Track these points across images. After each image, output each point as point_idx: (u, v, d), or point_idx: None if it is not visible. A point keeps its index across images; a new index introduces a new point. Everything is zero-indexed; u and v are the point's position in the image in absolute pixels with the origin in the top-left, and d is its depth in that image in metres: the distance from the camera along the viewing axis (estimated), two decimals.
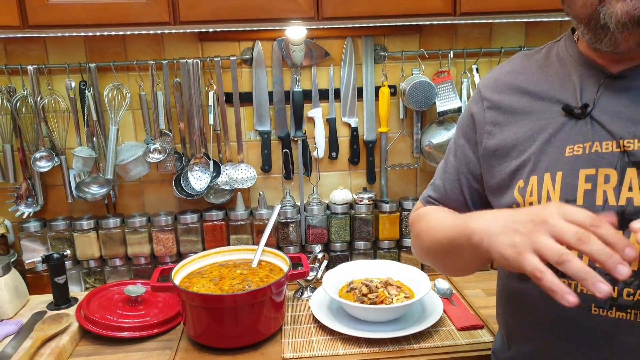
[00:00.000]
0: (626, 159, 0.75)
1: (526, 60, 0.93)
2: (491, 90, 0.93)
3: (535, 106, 0.86)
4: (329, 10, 1.29)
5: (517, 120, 0.87)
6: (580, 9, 0.76)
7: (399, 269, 1.49)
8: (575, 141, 0.80)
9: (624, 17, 0.70)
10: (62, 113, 1.59)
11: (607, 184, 0.76)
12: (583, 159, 0.78)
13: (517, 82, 0.90)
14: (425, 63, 1.66)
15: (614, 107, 0.78)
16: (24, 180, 1.60)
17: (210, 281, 1.33)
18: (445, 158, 1.02)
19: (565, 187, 0.79)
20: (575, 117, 0.80)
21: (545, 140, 0.82)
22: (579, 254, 0.61)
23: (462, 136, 0.97)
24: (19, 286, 1.46)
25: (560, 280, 0.70)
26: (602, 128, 0.78)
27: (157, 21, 1.28)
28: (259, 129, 1.69)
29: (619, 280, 0.61)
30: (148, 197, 1.71)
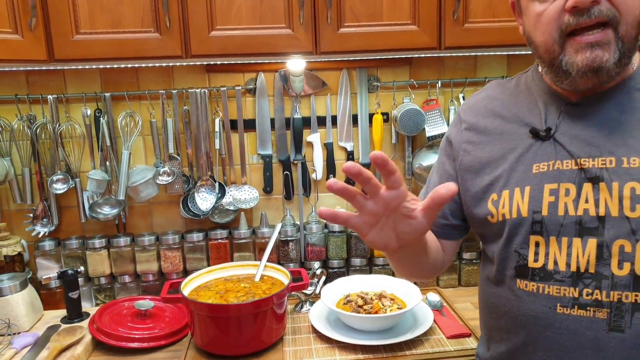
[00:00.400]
0: (583, 175, 0.86)
1: (499, 88, 1.05)
2: (469, 113, 1.05)
3: (507, 128, 0.97)
4: (325, 46, 1.42)
5: (491, 140, 0.98)
6: (543, 53, 0.89)
7: (392, 282, 1.58)
8: (541, 160, 0.91)
9: (584, 68, 0.82)
10: (78, 139, 1.71)
11: (568, 196, 0.87)
12: (547, 175, 0.89)
13: (492, 107, 1.02)
14: (415, 92, 1.79)
15: (572, 131, 0.89)
16: (40, 201, 1.70)
17: (216, 294, 1.42)
18: (430, 176, 1.12)
19: (532, 200, 0.90)
20: (540, 139, 0.92)
21: (516, 159, 0.94)
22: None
23: (444, 154, 1.08)
24: (34, 301, 1.55)
25: (534, 283, 0.83)
26: (563, 149, 0.89)
27: (170, 55, 1.40)
28: (262, 152, 1.80)
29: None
30: (156, 217, 1.82)
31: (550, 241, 0.88)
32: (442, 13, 1.43)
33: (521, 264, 0.92)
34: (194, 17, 1.38)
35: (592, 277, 0.84)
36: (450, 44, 1.45)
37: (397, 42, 1.43)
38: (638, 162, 0.83)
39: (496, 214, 0.94)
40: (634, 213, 0.81)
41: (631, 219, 0.82)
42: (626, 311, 0.83)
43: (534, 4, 0.87)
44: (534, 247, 0.90)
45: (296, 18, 1.39)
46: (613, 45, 0.81)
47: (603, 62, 0.81)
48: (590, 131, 0.87)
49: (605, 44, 0.81)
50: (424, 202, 0.74)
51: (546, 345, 0.90)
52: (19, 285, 1.49)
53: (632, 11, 0.81)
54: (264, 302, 1.32)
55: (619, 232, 0.82)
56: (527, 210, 0.90)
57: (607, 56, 0.81)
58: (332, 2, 1.38)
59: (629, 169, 0.83)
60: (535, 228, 0.89)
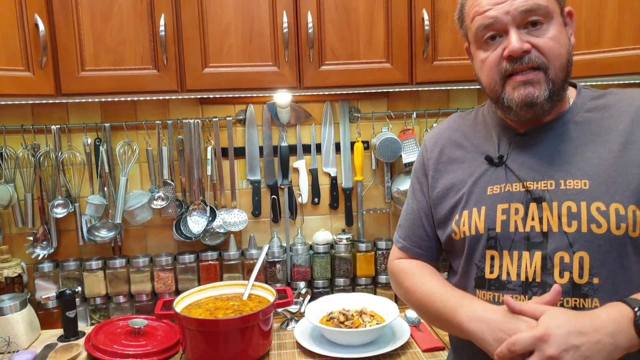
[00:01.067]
0: (529, 196, 0.99)
1: (460, 120, 1.19)
2: (433, 143, 1.18)
3: (467, 156, 1.10)
4: (308, 82, 1.55)
5: (454, 168, 1.11)
6: (489, 92, 1.04)
7: (373, 300, 1.69)
8: (495, 183, 1.04)
9: (520, 103, 0.97)
10: (79, 166, 1.82)
11: (517, 215, 1.00)
12: (500, 196, 1.02)
13: (454, 137, 1.15)
14: (393, 122, 1.94)
15: (520, 158, 1.03)
16: (41, 225, 1.80)
17: (207, 311, 1.52)
18: (407, 201, 1.24)
19: (487, 219, 1.02)
20: (494, 165, 1.05)
21: (473, 182, 1.07)
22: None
23: (417, 181, 1.20)
24: (33, 321, 1.64)
25: (490, 293, 1.00)
26: (512, 173, 1.02)
27: (167, 89, 1.53)
28: (251, 178, 1.92)
29: None
30: (150, 240, 1.92)
31: (504, 254, 1.00)
32: (413, 52, 1.58)
33: (479, 276, 1.03)
34: (189, 56, 1.51)
35: (538, 285, 0.96)
36: (421, 80, 1.59)
37: (373, 78, 1.58)
38: (572, 184, 0.96)
39: (458, 231, 1.06)
40: (571, 228, 0.94)
41: (568, 233, 0.94)
42: None
43: (479, 52, 1.02)
44: (489, 260, 1.02)
45: (282, 57, 1.53)
46: (544, 85, 0.95)
47: (535, 97, 0.95)
48: (535, 158, 1.01)
49: (537, 83, 0.95)
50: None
51: None
52: (19, 305, 1.58)
53: (559, 58, 0.96)
54: (250, 318, 1.41)
55: (559, 245, 0.95)
56: (483, 227, 1.02)
57: (538, 93, 0.95)
58: (314, 42, 1.52)
59: (566, 190, 0.96)
60: (491, 243, 1.02)
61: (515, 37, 0.94)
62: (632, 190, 0.92)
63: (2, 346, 1.49)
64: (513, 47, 0.94)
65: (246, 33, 1.52)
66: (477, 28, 1.00)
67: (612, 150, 0.96)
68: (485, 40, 1.00)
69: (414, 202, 1.20)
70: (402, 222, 1.23)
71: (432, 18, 1.57)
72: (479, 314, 0.94)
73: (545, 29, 0.96)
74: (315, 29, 1.53)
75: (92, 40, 1.48)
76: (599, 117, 1.00)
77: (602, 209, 0.93)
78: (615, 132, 0.97)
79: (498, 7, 0.96)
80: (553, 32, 0.96)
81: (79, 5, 1.46)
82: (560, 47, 0.96)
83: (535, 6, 0.94)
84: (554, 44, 0.95)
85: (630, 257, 0.93)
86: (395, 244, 1.24)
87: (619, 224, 0.92)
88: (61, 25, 1.46)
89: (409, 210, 1.21)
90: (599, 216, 0.93)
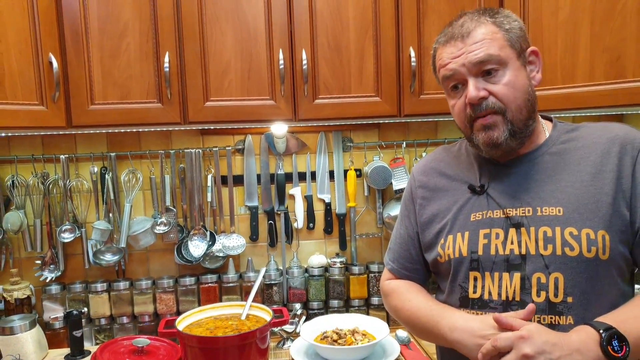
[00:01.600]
0: (508, 222, 1.09)
1: (445, 152, 1.29)
2: (421, 174, 1.28)
3: (451, 185, 1.20)
4: (303, 114, 1.66)
5: (440, 196, 1.21)
6: (463, 132, 1.15)
7: (365, 320, 1.76)
8: (477, 210, 1.13)
9: (484, 144, 1.08)
10: (85, 193, 1.92)
11: (498, 239, 1.09)
12: (482, 222, 1.11)
13: (440, 168, 1.25)
14: (384, 151, 2.05)
15: (500, 187, 1.12)
16: (49, 249, 1.89)
17: (207, 329, 1.60)
18: (396, 225, 1.33)
19: (470, 243, 1.11)
20: (476, 193, 1.15)
21: (457, 209, 1.16)
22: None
23: (405, 208, 1.30)
24: (41, 340, 1.71)
25: (474, 311, 1.08)
26: (493, 201, 1.12)
27: (170, 122, 1.64)
28: (249, 204, 2.02)
29: None
30: (153, 263, 2.01)
31: (485, 276, 1.09)
32: (401, 87, 1.70)
33: (464, 296, 1.12)
34: (191, 90, 1.63)
35: (518, 304, 1.04)
36: (409, 112, 1.71)
37: (363, 111, 1.69)
38: (548, 211, 1.05)
39: (443, 254, 1.15)
40: (547, 251, 1.03)
41: (544, 256, 1.03)
42: None
43: (449, 98, 1.15)
44: (473, 281, 1.10)
45: (278, 91, 1.65)
46: (501, 126, 1.06)
47: (495, 139, 1.06)
48: (514, 187, 1.11)
49: (495, 126, 1.06)
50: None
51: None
52: (28, 324, 1.66)
53: (514, 101, 1.06)
54: (248, 335, 1.49)
55: (536, 267, 1.04)
56: (466, 250, 1.11)
57: (497, 134, 1.06)
58: (308, 78, 1.64)
59: (542, 217, 1.05)
60: (473, 265, 1.10)
61: (472, 87, 1.05)
62: (600, 216, 1.01)
63: None
64: (470, 95, 1.05)
65: (245, 69, 1.64)
66: (441, 79, 1.12)
67: (583, 179, 1.05)
68: (451, 89, 1.11)
69: (402, 227, 1.29)
70: (392, 245, 1.32)
71: (418, 55, 1.68)
72: (461, 324, 1.03)
73: (500, 76, 1.05)
74: (309, 65, 1.65)
75: (101, 76, 1.59)
76: (572, 149, 1.10)
77: (574, 233, 1.02)
78: (586, 162, 1.07)
79: (455, 60, 1.07)
80: (508, 77, 1.05)
81: (89, 43, 1.58)
82: (515, 90, 1.06)
83: (487, 57, 1.04)
84: (509, 89, 1.05)
85: (601, 278, 1.02)
86: (385, 266, 1.33)
87: (590, 247, 1.01)
88: (73, 63, 1.57)
89: (397, 235, 1.30)
90: (572, 240, 1.02)
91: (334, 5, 1.64)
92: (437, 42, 1.15)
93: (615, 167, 1.04)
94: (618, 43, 1.52)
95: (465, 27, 1.07)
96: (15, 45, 1.47)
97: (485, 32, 1.06)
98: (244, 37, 1.63)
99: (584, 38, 1.56)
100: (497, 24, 1.07)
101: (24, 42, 1.49)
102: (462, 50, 1.06)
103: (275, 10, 1.62)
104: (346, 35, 1.66)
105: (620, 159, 1.05)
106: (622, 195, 1.03)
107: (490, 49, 1.04)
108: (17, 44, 1.48)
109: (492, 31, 1.06)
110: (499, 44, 1.05)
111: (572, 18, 1.57)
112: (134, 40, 1.60)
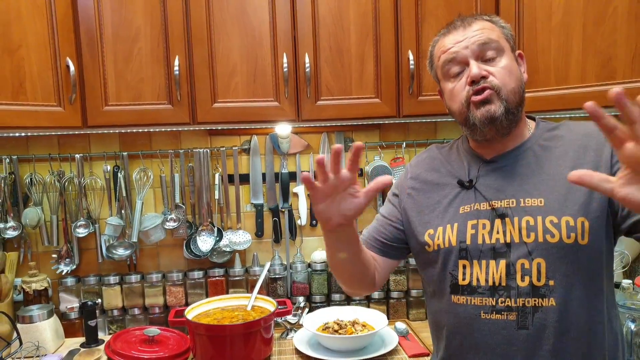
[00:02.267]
0: (494, 214, 1.16)
1: (438, 150, 1.36)
2: (415, 167, 1.35)
3: (442, 180, 1.28)
4: (306, 115, 1.74)
5: (431, 189, 1.28)
6: (458, 116, 1.21)
7: (365, 312, 1.85)
8: (466, 203, 1.20)
9: (482, 119, 1.14)
10: (99, 190, 2.01)
11: (484, 229, 1.16)
12: (470, 214, 1.19)
13: (432, 164, 1.33)
14: (384, 151, 2.12)
15: (487, 181, 1.20)
16: (64, 243, 1.99)
17: (214, 319, 1.69)
18: (380, 210, 1.39)
19: (459, 233, 1.18)
20: (465, 187, 1.22)
21: (448, 203, 1.23)
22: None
23: (392, 195, 1.36)
24: (58, 329, 1.81)
25: (464, 297, 1.12)
26: (480, 194, 1.19)
27: (180, 122, 1.72)
28: (254, 202, 2.10)
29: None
30: (163, 258, 2.10)
31: (474, 264, 1.16)
32: (400, 88, 1.77)
33: (454, 283, 1.19)
34: (200, 93, 1.71)
35: (504, 289, 1.12)
36: (407, 113, 1.78)
37: (364, 112, 1.77)
38: (530, 202, 1.13)
39: (432, 244, 1.22)
40: (529, 239, 1.10)
41: (528, 243, 1.10)
42: (529, 313, 1.10)
43: (447, 83, 1.21)
44: (462, 269, 1.18)
45: (282, 93, 1.73)
46: (497, 102, 1.13)
47: (492, 112, 1.12)
48: (499, 181, 1.18)
49: (492, 101, 1.13)
50: (368, 186, 1.01)
51: (474, 343, 1.15)
52: (47, 314, 1.75)
53: (510, 83, 1.14)
54: (253, 324, 1.58)
55: (520, 254, 1.11)
56: (455, 240, 1.18)
57: (495, 108, 1.12)
58: (310, 80, 1.72)
59: (525, 207, 1.13)
60: (462, 254, 1.18)
61: (474, 66, 1.14)
62: (580, 204, 1.09)
63: (32, 350, 1.66)
64: (473, 72, 1.13)
65: (250, 72, 1.72)
66: (443, 63, 1.19)
67: (563, 173, 1.12)
68: (452, 74, 1.19)
69: (385, 209, 1.36)
70: (372, 223, 1.38)
71: (416, 58, 1.76)
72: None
73: (498, 61, 1.15)
74: (312, 68, 1.73)
75: (115, 79, 1.68)
76: (553, 146, 1.18)
77: (554, 221, 1.09)
78: (566, 157, 1.15)
79: (458, 44, 1.17)
80: (505, 62, 1.15)
81: (104, 48, 1.67)
82: (511, 75, 1.15)
83: (488, 40, 1.14)
84: (505, 72, 1.15)
85: (581, 262, 1.09)
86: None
87: (569, 233, 1.08)
88: (88, 66, 1.66)
89: (378, 218, 1.37)
90: (553, 228, 1.09)
91: (336, 11, 1.73)
92: (436, 38, 1.25)
93: (593, 158, 1.12)
94: (608, 46, 1.58)
95: (466, 20, 1.19)
96: (35, 50, 1.57)
97: (484, 24, 1.18)
98: (249, 41, 1.71)
99: (576, 41, 1.63)
100: (493, 22, 1.20)
101: (43, 47, 1.58)
102: (465, 36, 1.16)
103: (279, 16, 1.71)
104: (347, 39, 1.74)
105: (597, 150, 1.12)
106: None
107: (491, 35, 1.16)
108: (37, 49, 1.57)
109: (490, 26, 1.18)
110: (496, 34, 1.17)
111: (564, 22, 1.64)
112: (145, 45, 1.68)
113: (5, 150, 1.97)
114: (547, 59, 1.67)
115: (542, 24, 1.67)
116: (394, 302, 2.05)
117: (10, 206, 1.92)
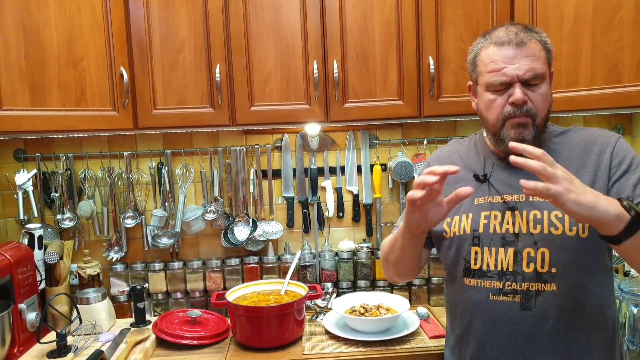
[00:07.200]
0: (505, 206, 1.30)
1: (457, 145, 1.50)
2: (435, 160, 1.50)
3: (460, 174, 1.39)
4: (334, 116, 1.90)
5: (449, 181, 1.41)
6: (490, 127, 1.32)
7: (389, 297, 2.00)
8: (480, 195, 1.35)
9: (515, 139, 1.24)
10: (145, 185, 2.21)
11: (496, 220, 1.30)
12: (484, 206, 1.33)
13: (452, 158, 1.46)
14: (407, 148, 2.27)
15: (500, 177, 1.34)
16: (114, 233, 2.19)
17: (252, 302, 1.86)
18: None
19: (473, 223, 1.33)
20: (480, 181, 1.36)
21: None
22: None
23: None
24: (110, 310, 2.01)
25: (475, 280, 1.27)
26: (494, 188, 1.33)
27: (220, 124, 1.89)
28: (285, 195, 2.27)
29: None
30: (203, 247, 2.29)
31: (484, 250, 1.31)
32: (421, 91, 1.91)
33: (466, 267, 1.34)
34: (238, 97, 1.88)
35: (511, 274, 1.26)
36: (428, 114, 1.92)
37: (387, 113, 1.91)
38: (537, 198, 1.27)
39: (449, 231, 1.37)
40: (536, 230, 1.25)
41: (534, 234, 1.25)
42: (532, 296, 1.24)
43: (488, 93, 1.29)
44: (474, 254, 1.32)
45: (312, 97, 1.89)
46: (531, 128, 1.26)
47: (524, 136, 1.25)
48: (511, 177, 1.31)
49: (527, 126, 1.25)
50: (449, 196, 1.18)
51: (483, 322, 1.30)
52: (101, 296, 1.95)
53: (543, 110, 1.27)
54: (287, 306, 1.75)
55: (527, 243, 1.26)
56: (469, 229, 1.33)
57: (527, 133, 1.25)
58: (338, 85, 1.88)
59: (533, 202, 1.27)
60: (475, 241, 1.32)
61: (519, 91, 1.23)
62: None
63: (90, 328, 1.86)
64: (517, 97, 1.23)
65: (284, 78, 1.88)
66: (493, 81, 1.26)
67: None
68: (495, 88, 1.27)
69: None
70: (398, 221, 1.50)
71: (436, 63, 1.89)
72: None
73: (538, 87, 1.25)
74: (340, 74, 1.88)
75: (162, 85, 1.86)
76: (559, 150, 1.31)
77: (559, 216, 1.24)
78: (571, 160, 1.28)
79: (511, 66, 1.23)
80: (544, 90, 1.26)
81: (152, 58, 1.85)
82: (545, 102, 1.27)
83: (535, 75, 1.23)
84: (542, 100, 1.26)
85: (581, 252, 1.23)
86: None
87: (571, 227, 1.22)
88: (139, 74, 1.84)
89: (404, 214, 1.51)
90: (557, 221, 1.23)
91: (362, 21, 1.87)
92: (484, 41, 1.31)
93: (594, 162, 1.26)
94: (616, 52, 1.70)
95: (519, 37, 1.25)
96: (94, 62, 1.76)
97: (535, 48, 1.25)
98: (283, 50, 1.87)
99: (586, 48, 1.75)
100: (542, 43, 1.27)
101: (101, 59, 1.77)
102: (517, 58, 1.23)
103: (310, 27, 1.86)
104: (372, 47, 1.89)
105: (599, 155, 1.26)
106: (601, 183, 1.23)
107: (538, 67, 1.23)
108: (96, 60, 1.76)
109: (540, 49, 1.26)
110: (542, 62, 1.25)
111: (575, 30, 1.76)
112: (189, 54, 1.86)
113: (62, 149, 2.17)
114: (558, 64, 1.79)
115: (553, 32, 1.78)
116: (416, 289, 2.20)
117: (66, 199, 2.13)
